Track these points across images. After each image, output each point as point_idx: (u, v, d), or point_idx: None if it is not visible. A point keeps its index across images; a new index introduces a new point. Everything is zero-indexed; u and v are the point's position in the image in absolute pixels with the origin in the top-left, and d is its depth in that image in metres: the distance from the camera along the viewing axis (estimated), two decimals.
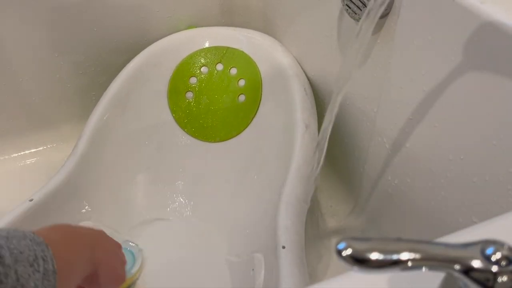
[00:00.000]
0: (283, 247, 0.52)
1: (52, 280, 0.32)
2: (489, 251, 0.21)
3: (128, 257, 0.63)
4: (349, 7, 0.56)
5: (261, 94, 0.76)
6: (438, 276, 0.24)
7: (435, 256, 0.21)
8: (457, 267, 0.21)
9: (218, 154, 0.78)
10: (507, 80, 0.40)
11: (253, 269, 0.58)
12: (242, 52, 0.78)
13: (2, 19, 0.76)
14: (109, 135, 0.73)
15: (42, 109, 0.86)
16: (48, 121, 0.87)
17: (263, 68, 0.76)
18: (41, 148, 0.88)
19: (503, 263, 0.20)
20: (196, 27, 0.85)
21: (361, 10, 0.54)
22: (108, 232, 0.55)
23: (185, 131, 0.79)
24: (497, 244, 0.21)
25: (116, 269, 0.50)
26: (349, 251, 0.20)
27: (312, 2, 0.69)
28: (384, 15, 0.52)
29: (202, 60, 0.79)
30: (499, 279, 0.20)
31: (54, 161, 0.78)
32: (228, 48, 0.79)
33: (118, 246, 0.54)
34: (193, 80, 0.79)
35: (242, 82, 0.78)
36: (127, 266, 0.62)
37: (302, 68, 0.76)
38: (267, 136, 0.74)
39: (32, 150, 0.88)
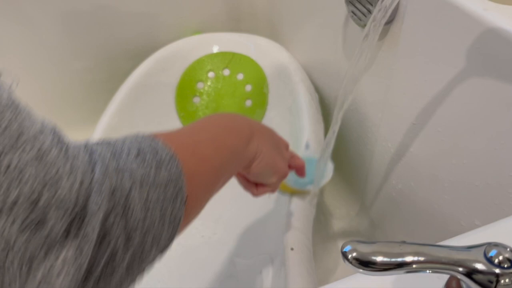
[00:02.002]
0: (292, 249, 0.52)
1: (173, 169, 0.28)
2: (492, 253, 0.21)
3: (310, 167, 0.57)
4: (355, 14, 0.57)
5: (268, 99, 0.76)
6: (442, 278, 0.24)
7: (439, 259, 0.21)
8: (460, 269, 0.21)
9: None
10: (509, 86, 0.41)
11: (261, 271, 0.59)
12: (249, 57, 0.79)
13: (15, 25, 0.77)
14: None
15: (52, 113, 0.86)
16: (58, 125, 0.88)
17: (270, 74, 0.77)
18: None
19: (506, 265, 0.21)
20: (202, 32, 0.86)
21: (366, 16, 0.55)
22: None
23: None
24: (500, 247, 0.21)
25: (275, 162, 0.44)
26: (354, 254, 0.21)
27: (318, 9, 0.70)
28: (389, 22, 0.52)
29: (209, 66, 0.80)
30: (502, 281, 0.20)
31: None
32: (234, 53, 0.79)
33: (284, 143, 0.48)
34: (200, 85, 0.80)
35: (248, 87, 0.78)
36: (312, 177, 0.58)
37: (307, 74, 0.76)
38: None
39: None
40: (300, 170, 0.52)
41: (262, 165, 0.42)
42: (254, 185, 0.47)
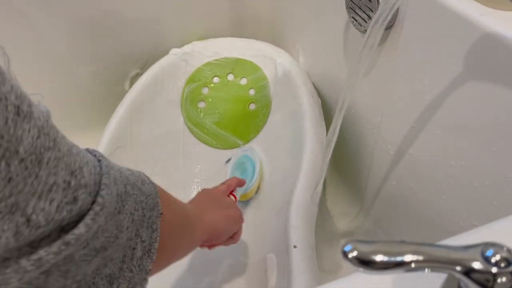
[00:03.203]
0: (295, 247, 0.53)
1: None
2: (489, 253, 0.21)
3: (248, 166, 0.70)
4: (355, 20, 0.57)
5: (271, 102, 0.77)
6: (440, 277, 0.25)
7: (438, 258, 0.21)
8: (458, 268, 0.21)
9: None
10: (505, 90, 0.41)
11: (266, 270, 0.59)
12: (252, 62, 0.80)
13: (23, 31, 0.78)
14: (126, 142, 0.75)
15: (59, 117, 0.87)
16: (65, 130, 0.88)
17: (272, 78, 0.78)
18: None
19: (502, 264, 0.21)
20: (207, 38, 0.87)
21: (366, 22, 0.56)
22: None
23: (197, 139, 0.81)
24: (497, 247, 0.21)
25: (229, 216, 0.51)
26: (355, 253, 0.21)
27: (319, 15, 0.70)
28: (389, 27, 0.53)
29: (214, 71, 0.81)
30: (499, 280, 0.21)
31: None
32: (238, 58, 0.80)
33: (220, 192, 0.55)
34: (205, 90, 0.81)
35: (252, 92, 0.79)
36: (248, 177, 0.68)
37: (309, 78, 0.77)
38: (276, 142, 0.75)
39: None
40: (240, 184, 0.61)
41: (221, 228, 0.49)
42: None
